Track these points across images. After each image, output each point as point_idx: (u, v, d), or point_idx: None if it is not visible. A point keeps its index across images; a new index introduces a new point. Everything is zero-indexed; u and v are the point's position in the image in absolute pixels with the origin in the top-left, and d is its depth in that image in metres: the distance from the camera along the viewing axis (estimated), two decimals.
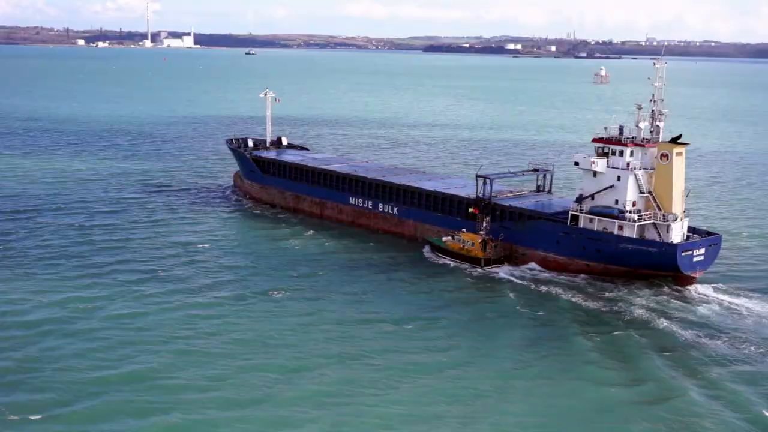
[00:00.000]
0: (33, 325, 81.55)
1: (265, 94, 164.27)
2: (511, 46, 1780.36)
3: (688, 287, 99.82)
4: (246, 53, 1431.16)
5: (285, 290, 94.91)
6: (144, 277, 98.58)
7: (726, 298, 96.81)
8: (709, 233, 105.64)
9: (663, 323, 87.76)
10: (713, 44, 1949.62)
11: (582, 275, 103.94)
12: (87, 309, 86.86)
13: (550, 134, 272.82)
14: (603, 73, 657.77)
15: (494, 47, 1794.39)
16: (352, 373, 72.91)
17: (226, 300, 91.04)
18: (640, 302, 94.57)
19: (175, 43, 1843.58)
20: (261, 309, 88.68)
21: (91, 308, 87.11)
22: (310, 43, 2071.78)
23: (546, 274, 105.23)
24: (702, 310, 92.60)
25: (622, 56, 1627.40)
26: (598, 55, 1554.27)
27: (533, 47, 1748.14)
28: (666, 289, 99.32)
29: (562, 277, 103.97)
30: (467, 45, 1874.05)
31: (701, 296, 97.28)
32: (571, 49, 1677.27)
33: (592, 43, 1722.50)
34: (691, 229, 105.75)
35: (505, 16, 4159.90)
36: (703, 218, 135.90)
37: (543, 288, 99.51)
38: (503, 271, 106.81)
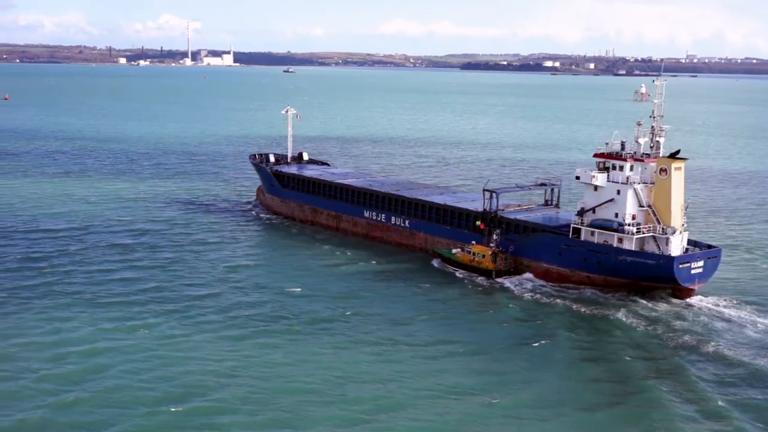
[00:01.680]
0: (90, 356, 79.77)
1: (287, 111, 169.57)
2: (549, 63, 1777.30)
3: (687, 299, 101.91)
4: (285, 71, 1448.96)
5: (326, 314, 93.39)
6: (191, 304, 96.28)
7: (724, 310, 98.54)
8: (709, 246, 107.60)
9: (662, 336, 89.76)
10: (755, 61, 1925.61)
11: (584, 287, 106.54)
12: (141, 337, 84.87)
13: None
14: (643, 90, 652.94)
15: (532, 65, 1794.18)
16: (430, 411, 70.40)
17: (276, 328, 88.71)
18: (639, 314, 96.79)
19: (214, 61, 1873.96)
20: (309, 335, 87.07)
21: (145, 337, 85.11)
22: (347, 61, 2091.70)
23: (551, 286, 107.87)
24: (700, 321, 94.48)
25: (662, 73, 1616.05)
26: (637, 72, 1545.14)
27: (571, 65, 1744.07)
28: (665, 301, 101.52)
29: (567, 289, 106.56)
30: (505, 62, 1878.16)
31: (700, 308, 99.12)
32: (610, 66, 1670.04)
33: (631, 60, 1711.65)
34: (693, 242, 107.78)
35: (543, 34, 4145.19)
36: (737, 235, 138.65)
37: (553, 301, 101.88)
38: (512, 283, 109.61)
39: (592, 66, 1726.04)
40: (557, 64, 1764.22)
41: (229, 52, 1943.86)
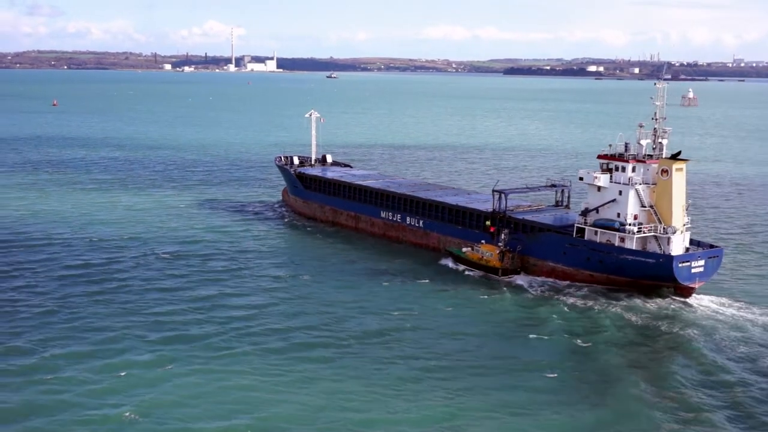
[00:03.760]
0: (146, 380, 76.49)
1: (310, 115, 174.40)
2: (592, 68, 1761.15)
3: (688, 298, 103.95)
4: (327, 77, 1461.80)
5: (378, 337, 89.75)
6: (245, 324, 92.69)
7: (724, 308, 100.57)
8: (711, 246, 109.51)
9: (658, 334, 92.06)
10: None
11: (588, 285, 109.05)
12: (202, 358, 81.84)
13: None
14: (691, 95, 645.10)
15: (576, 69, 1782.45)
16: None
17: (336, 351, 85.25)
18: (637, 312, 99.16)
19: (258, 67, 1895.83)
20: (369, 359, 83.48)
21: (206, 358, 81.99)
22: (390, 66, 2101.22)
23: (555, 285, 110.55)
24: (698, 319, 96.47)
25: (708, 78, 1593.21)
26: (682, 77, 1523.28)
27: (615, 69, 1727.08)
28: (666, 300, 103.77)
29: (571, 287, 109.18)
30: (548, 67, 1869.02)
31: (700, 306, 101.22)
32: (655, 70, 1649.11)
33: (677, 64, 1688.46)
34: (696, 242, 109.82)
35: (586, 38, 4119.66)
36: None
37: (555, 299, 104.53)
38: (518, 281, 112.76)
39: (636, 71, 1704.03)
40: (601, 68, 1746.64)
41: (272, 58, 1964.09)
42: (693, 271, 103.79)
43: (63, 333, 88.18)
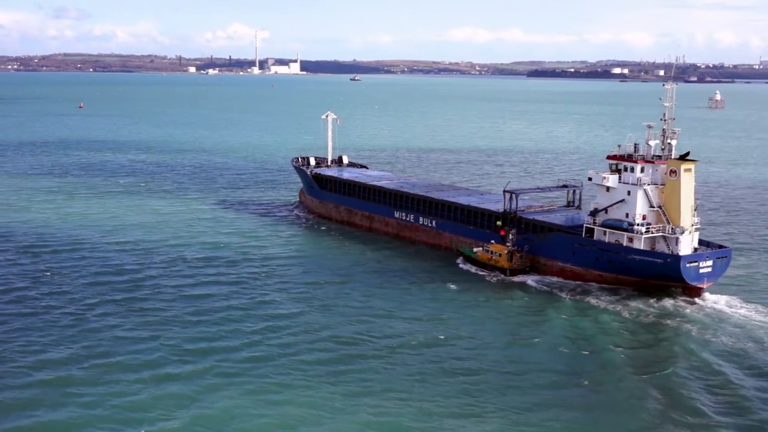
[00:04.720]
0: (189, 397, 73.96)
1: (327, 116, 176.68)
2: (617, 70, 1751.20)
3: (696, 298, 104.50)
4: (351, 79, 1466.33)
5: (419, 349, 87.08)
6: (275, 335, 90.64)
7: (731, 309, 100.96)
8: (720, 246, 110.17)
9: (664, 334, 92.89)
10: None
11: (597, 285, 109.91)
12: (238, 371, 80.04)
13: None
14: (718, 97, 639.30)
15: (600, 72, 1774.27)
16: None
17: (372, 363, 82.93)
18: (644, 312, 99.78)
19: (281, 69, 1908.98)
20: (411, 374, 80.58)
21: (244, 370, 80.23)
22: (413, 68, 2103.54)
23: (564, 284, 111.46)
24: (705, 319, 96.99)
25: (735, 80, 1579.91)
26: (708, 79, 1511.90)
27: (640, 71, 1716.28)
28: (674, 299, 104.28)
29: (580, 287, 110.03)
30: (572, 70, 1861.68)
31: (707, 307, 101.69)
32: (680, 72, 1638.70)
33: (702, 66, 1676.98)
34: (705, 243, 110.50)
35: (611, 40, 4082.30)
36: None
37: (562, 299, 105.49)
38: (529, 281, 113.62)
39: (662, 73, 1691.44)
40: (626, 71, 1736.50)
41: (296, 61, 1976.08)
42: (701, 271, 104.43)
43: (96, 343, 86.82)
